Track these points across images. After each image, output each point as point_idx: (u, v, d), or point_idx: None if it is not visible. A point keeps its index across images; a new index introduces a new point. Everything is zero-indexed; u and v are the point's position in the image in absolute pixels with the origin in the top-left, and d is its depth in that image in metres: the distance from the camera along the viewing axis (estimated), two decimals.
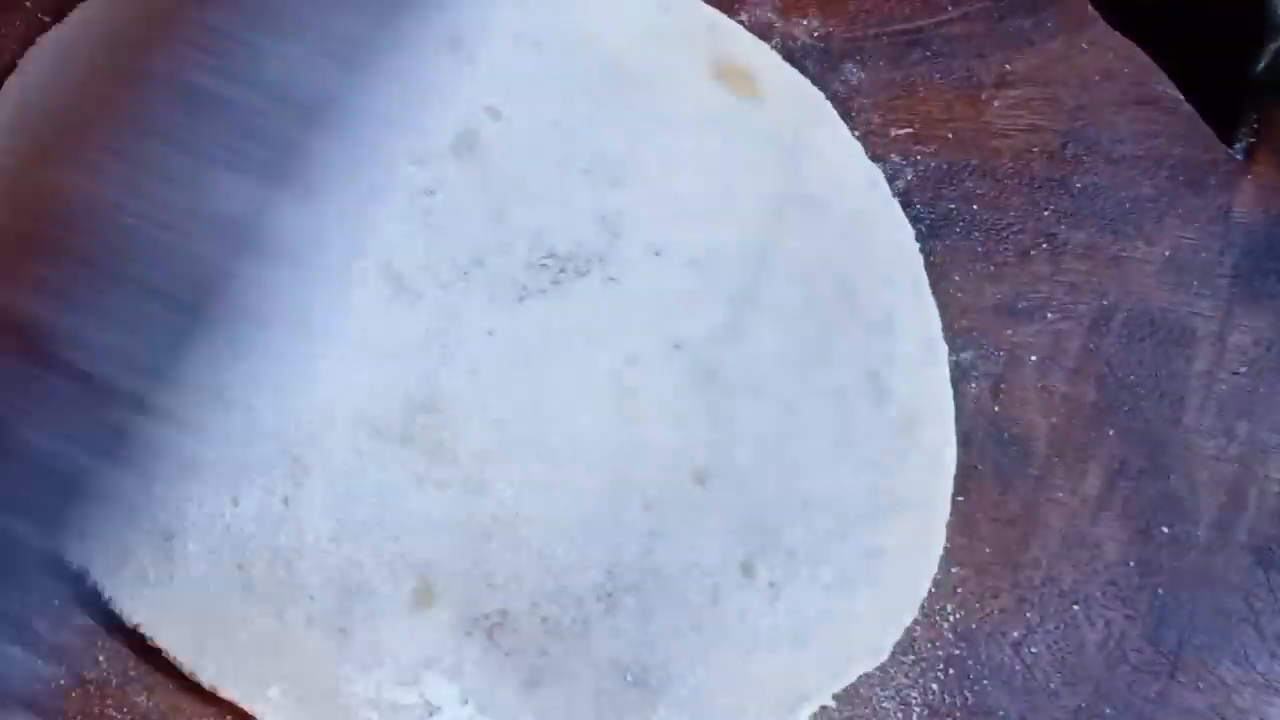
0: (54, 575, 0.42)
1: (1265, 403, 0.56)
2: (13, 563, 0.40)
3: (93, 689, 0.45)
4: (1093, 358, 0.56)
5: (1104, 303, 0.57)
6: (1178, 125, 0.60)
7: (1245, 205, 0.59)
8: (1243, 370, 0.57)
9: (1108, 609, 0.52)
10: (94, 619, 0.45)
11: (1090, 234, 0.58)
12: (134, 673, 0.45)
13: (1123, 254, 0.58)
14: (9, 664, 0.40)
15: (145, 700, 0.45)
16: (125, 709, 0.45)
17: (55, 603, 0.45)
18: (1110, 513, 0.54)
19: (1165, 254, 0.58)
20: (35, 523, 0.40)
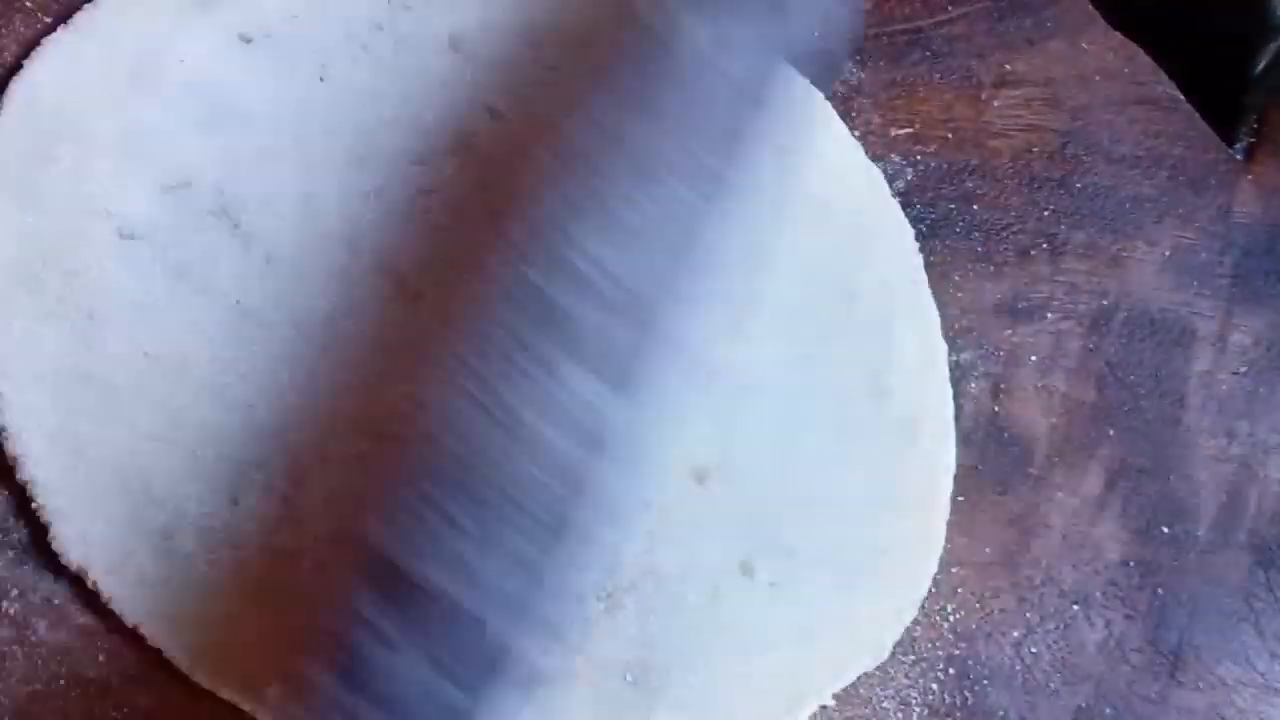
0: None
1: (1265, 403, 0.56)
2: None
3: (93, 689, 0.45)
4: (1093, 358, 0.56)
5: (1104, 303, 0.57)
6: (1178, 125, 0.60)
7: (1245, 205, 0.59)
8: (1243, 370, 0.57)
9: (1108, 609, 0.52)
10: (94, 619, 0.45)
11: (1090, 234, 0.58)
12: (134, 673, 0.45)
13: (1123, 254, 0.58)
14: None
15: (145, 700, 0.45)
16: (125, 709, 0.45)
17: (55, 602, 0.45)
18: (1110, 513, 0.54)
19: (1165, 254, 0.58)
20: None
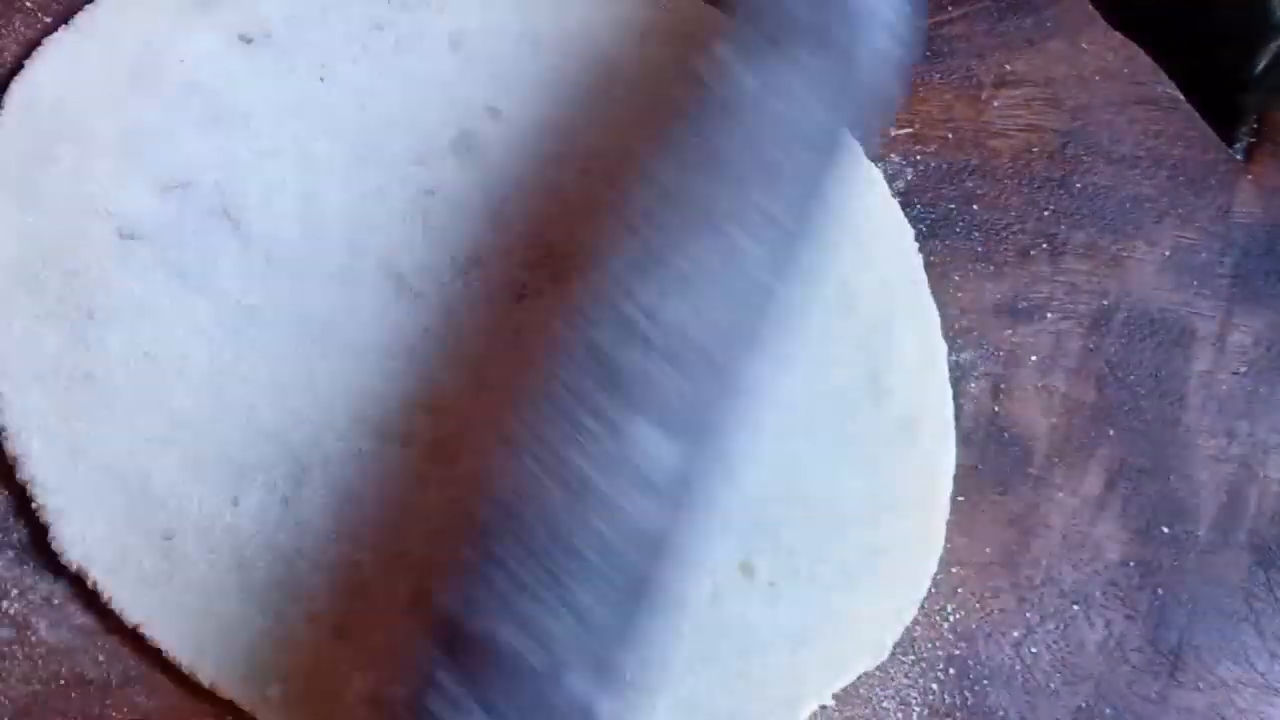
0: None
1: (1265, 403, 0.56)
2: None
3: (93, 689, 0.45)
4: (1093, 358, 0.56)
5: (1104, 303, 0.57)
6: (1178, 125, 0.60)
7: (1245, 205, 0.59)
8: (1243, 370, 0.57)
9: (1108, 609, 0.52)
10: (94, 619, 0.45)
11: (1090, 234, 0.58)
12: (134, 673, 0.45)
13: (1123, 254, 0.58)
14: None
15: (145, 700, 0.45)
16: (125, 709, 0.45)
17: (55, 602, 0.45)
18: (1110, 513, 0.54)
19: (1165, 254, 0.58)
20: None
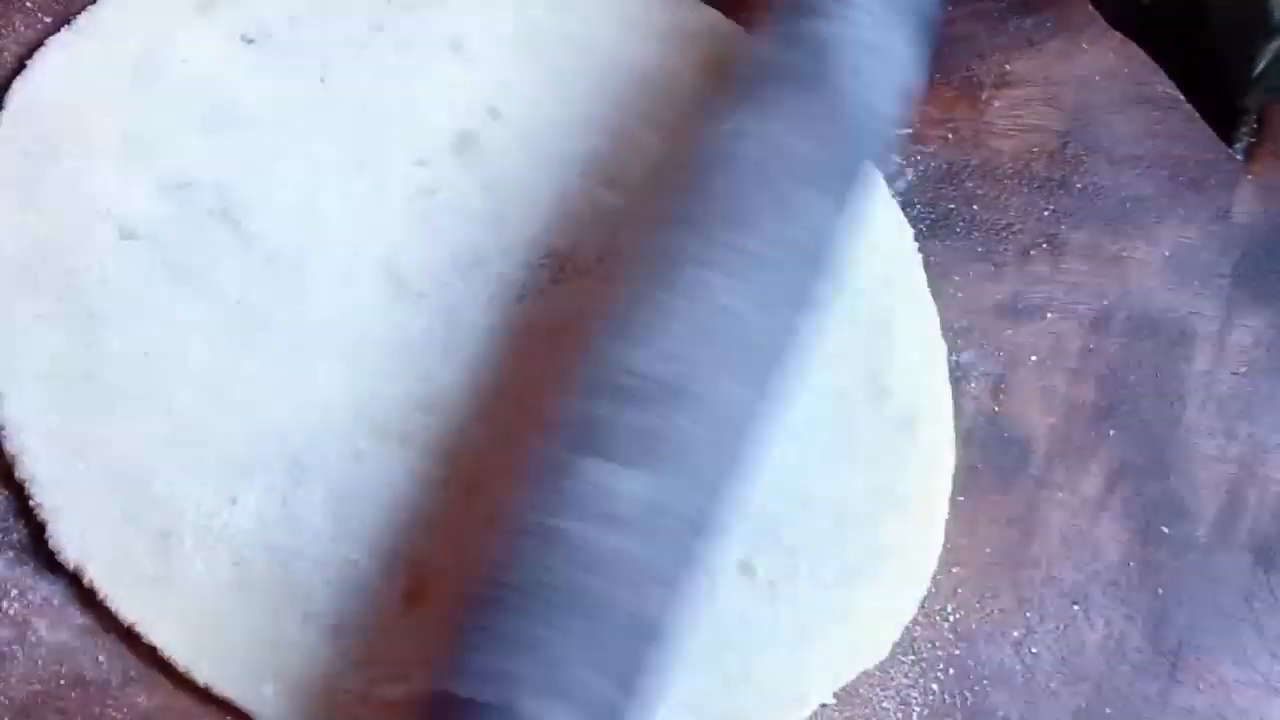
0: None
1: (1265, 403, 0.56)
2: None
3: (93, 689, 0.45)
4: (1093, 358, 0.56)
5: (1104, 303, 0.57)
6: (1178, 125, 0.60)
7: (1245, 205, 0.59)
8: (1243, 370, 0.57)
9: (1108, 609, 0.52)
10: (94, 619, 0.45)
11: (1090, 234, 0.58)
12: (134, 673, 0.45)
13: (1123, 254, 0.58)
14: None
15: (145, 700, 0.45)
16: (125, 709, 0.45)
17: (55, 602, 0.45)
18: (1110, 513, 0.54)
19: (1165, 254, 0.58)
20: None
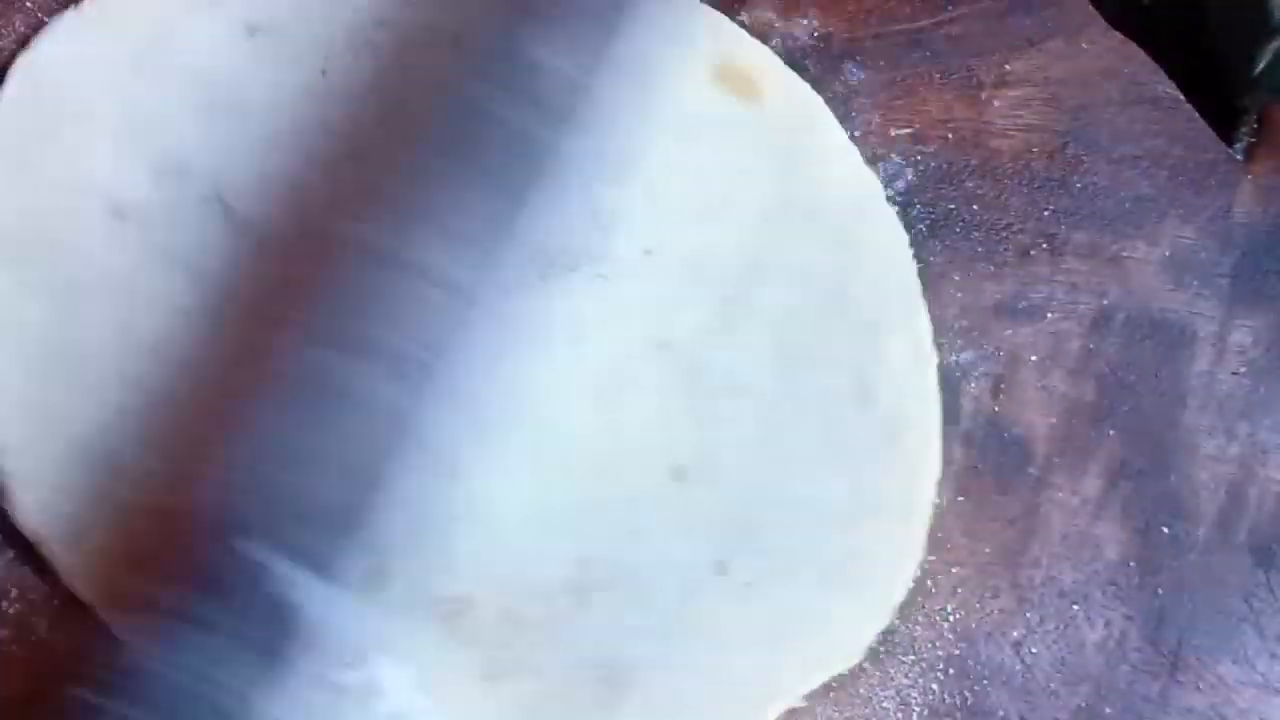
0: None
1: (1265, 403, 0.56)
2: None
3: None
4: (1093, 358, 0.56)
5: (1104, 303, 0.57)
6: (1178, 125, 0.60)
7: (1245, 205, 0.59)
8: (1243, 370, 0.57)
9: (1108, 609, 0.52)
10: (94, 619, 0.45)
11: (1090, 234, 0.58)
12: None
13: (1123, 254, 0.58)
14: None
15: None
16: None
17: (55, 602, 0.45)
18: (1110, 513, 0.54)
19: (1165, 254, 0.58)
20: None
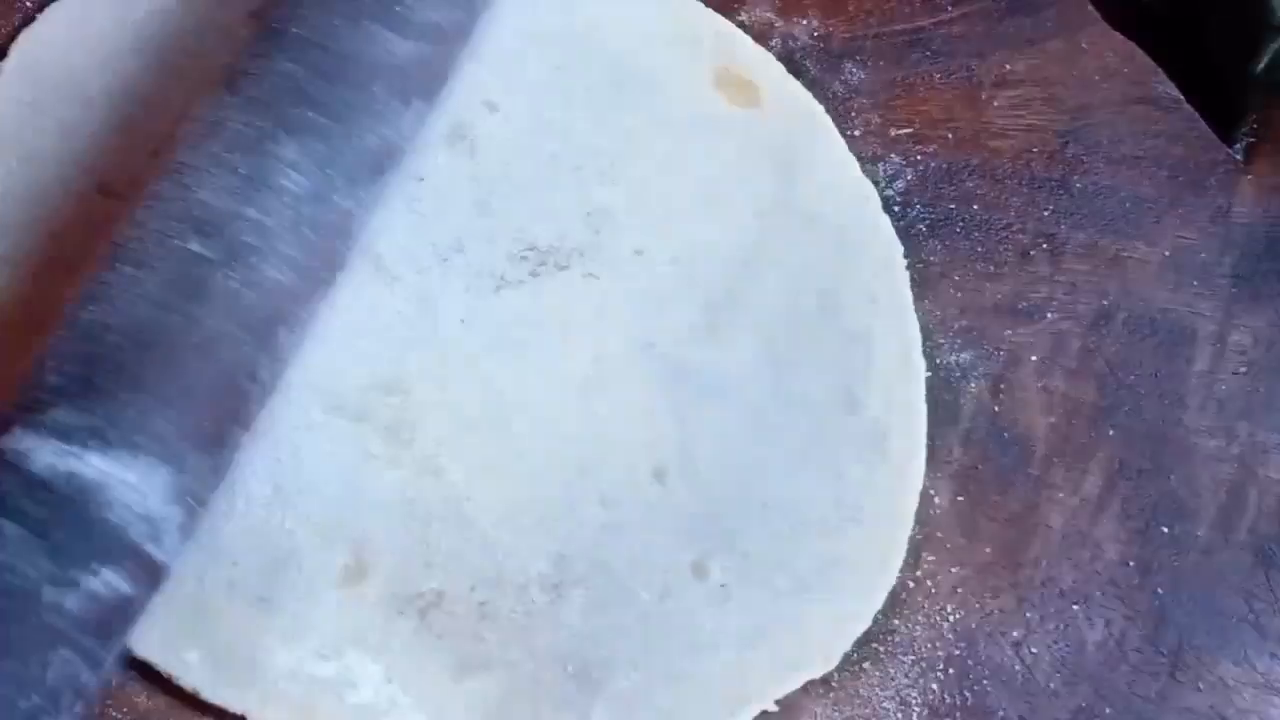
0: None
1: (1265, 403, 0.56)
2: None
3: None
4: (1093, 358, 0.56)
5: (1104, 303, 0.57)
6: (1178, 125, 0.60)
7: (1245, 205, 0.59)
8: (1243, 370, 0.57)
9: (1108, 609, 0.52)
10: None
11: (1090, 234, 0.58)
12: (134, 672, 0.45)
13: (1123, 254, 0.58)
14: None
15: (145, 700, 0.45)
16: (125, 709, 0.45)
17: None
18: (1110, 513, 0.53)
19: (1165, 254, 0.58)
20: None
